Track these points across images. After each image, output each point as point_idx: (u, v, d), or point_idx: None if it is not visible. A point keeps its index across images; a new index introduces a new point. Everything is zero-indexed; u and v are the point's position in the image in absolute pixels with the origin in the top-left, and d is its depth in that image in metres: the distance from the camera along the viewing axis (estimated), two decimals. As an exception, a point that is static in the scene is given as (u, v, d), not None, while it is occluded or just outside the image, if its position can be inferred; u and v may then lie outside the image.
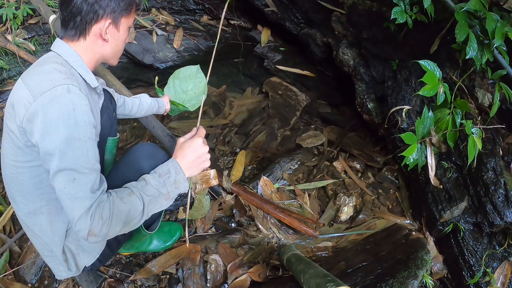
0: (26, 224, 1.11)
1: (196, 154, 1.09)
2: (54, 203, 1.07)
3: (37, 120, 0.87)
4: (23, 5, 2.44)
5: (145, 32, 2.95)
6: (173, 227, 1.66)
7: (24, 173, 0.99)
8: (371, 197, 1.95)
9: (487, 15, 1.46)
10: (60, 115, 0.87)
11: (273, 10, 3.07)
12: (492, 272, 1.58)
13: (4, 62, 2.38)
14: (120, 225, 0.94)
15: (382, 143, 2.23)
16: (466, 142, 1.57)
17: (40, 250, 1.16)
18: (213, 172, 1.81)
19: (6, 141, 0.99)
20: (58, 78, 0.91)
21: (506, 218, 1.52)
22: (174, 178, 1.04)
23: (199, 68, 1.90)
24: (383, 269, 1.47)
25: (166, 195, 1.02)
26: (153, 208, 1.01)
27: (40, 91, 0.88)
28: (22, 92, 0.91)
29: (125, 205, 0.94)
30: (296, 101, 2.61)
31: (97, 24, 1.01)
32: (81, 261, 1.19)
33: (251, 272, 1.52)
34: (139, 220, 0.99)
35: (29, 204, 1.05)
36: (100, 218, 0.90)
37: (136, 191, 0.98)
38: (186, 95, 1.85)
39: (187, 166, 1.08)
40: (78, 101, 0.90)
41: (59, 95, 0.87)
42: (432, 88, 1.53)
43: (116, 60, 1.17)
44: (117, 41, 1.09)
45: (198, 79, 1.87)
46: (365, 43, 2.31)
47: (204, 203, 1.74)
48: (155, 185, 1.01)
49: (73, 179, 0.88)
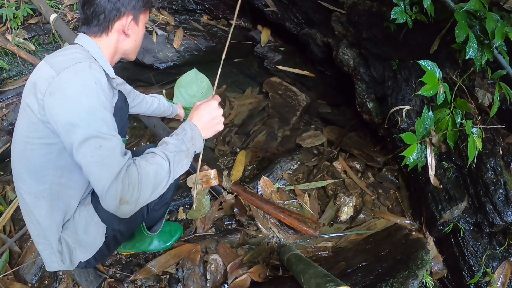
0: (27, 204, 1.10)
1: (211, 115, 1.14)
2: (57, 189, 1.08)
3: (59, 94, 0.91)
4: (23, 5, 2.44)
5: (145, 32, 2.95)
6: (174, 227, 1.66)
7: (33, 150, 1.01)
8: (371, 197, 1.95)
9: (487, 15, 1.46)
10: (82, 87, 0.92)
11: (273, 10, 3.06)
12: (492, 272, 1.58)
13: (4, 62, 2.38)
14: (150, 188, 0.94)
15: (382, 143, 2.23)
16: (466, 142, 1.57)
17: (35, 237, 1.16)
18: (213, 172, 1.81)
19: (21, 116, 1.02)
20: (80, 57, 0.98)
21: (506, 218, 1.52)
22: (190, 134, 1.07)
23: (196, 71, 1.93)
24: (383, 269, 1.47)
25: (186, 151, 1.04)
26: (177, 167, 1.02)
27: (63, 67, 0.93)
28: (45, 69, 0.96)
29: (152, 166, 0.95)
30: (296, 101, 2.61)
31: (119, 20, 1.09)
32: (76, 256, 1.18)
33: (251, 272, 1.52)
34: (167, 181, 0.99)
35: (32, 184, 1.06)
36: (130, 182, 0.90)
37: (159, 151, 1.00)
38: (194, 98, 1.91)
39: (202, 126, 1.12)
40: (99, 76, 0.96)
41: (81, 70, 0.94)
42: (432, 88, 1.53)
43: (135, 55, 1.25)
44: (137, 36, 1.18)
45: (199, 80, 1.90)
46: (365, 43, 2.31)
47: (204, 203, 1.74)
48: (174, 143, 1.03)
49: (99, 146, 0.90)
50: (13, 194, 1.82)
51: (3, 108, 2.26)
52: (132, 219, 1.19)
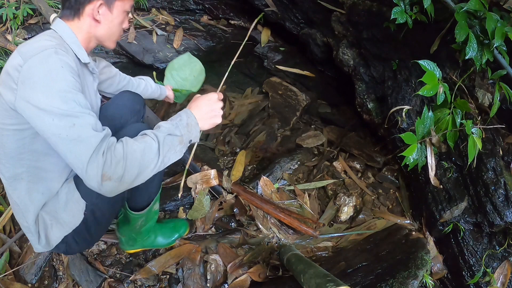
0: (7, 189, 1.12)
1: (210, 107, 1.12)
2: (35, 172, 1.09)
3: (29, 81, 0.92)
4: (23, 5, 2.44)
5: (145, 32, 2.95)
6: (178, 223, 1.66)
7: (8, 136, 1.02)
8: (371, 197, 1.95)
9: (487, 15, 1.46)
10: (49, 72, 0.92)
11: (273, 10, 3.07)
12: (492, 272, 1.58)
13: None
14: (136, 167, 0.92)
15: (382, 143, 2.23)
16: (466, 142, 1.57)
17: (18, 220, 1.17)
18: (213, 172, 1.81)
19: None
20: (47, 44, 0.97)
21: (506, 218, 1.52)
22: (186, 121, 1.05)
23: (190, 54, 1.92)
24: (383, 269, 1.47)
25: (180, 137, 1.02)
26: (169, 151, 1.00)
27: (30, 55, 0.93)
28: (15, 58, 0.96)
29: (139, 144, 0.94)
30: (296, 101, 2.61)
31: (89, 4, 1.06)
32: (53, 234, 1.17)
33: (251, 272, 1.52)
34: (156, 163, 0.97)
35: (10, 168, 1.07)
36: (114, 156, 0.89)
37: (150, 132, 0.99)
38: (187, 81, 1.88)
39: (199, 116, 1.10)
40: (66, 60, 0.96)
41: (47, 56, 0.93)
42: (432, 88, 1.53)
43: (112, 44, 1.20)
44: (111, 23, 1.12)
45: (192, 64, 1.89)
46: (365, 43, 2.31)
47: (204, 203, 1.74)
48: (167, 127, 1.01)
49: (72, 125, 0.90)
50: (13, 194, 1.82)
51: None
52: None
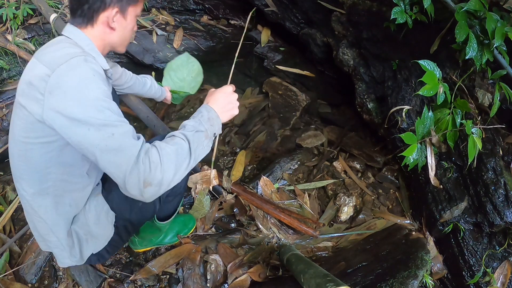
0: (31, 206, 1.09)
1: (227, 99, 1.13)
2: (61, 185, 1.07)
3: (59, 91, 0.89)
4: (23, 5, 2.44)
5: (145, 32, 2.95)
6: (187, 218, 1.68)
7: (33, 150, 0.99)
8: (371, 197, 1.95)
9: (487, 15, 1.46)
10: (81, 80, 0.90)
11: (273, 10, 3.06)
12: (492, 272, 1.58)
13: (4, 62, 2.37)
14: (172, 168, 0.92)
15: (382, 143, 2.23)
16: (466, 142, 1.57)
17: (44, 236, 1.14)
18: (213, 172, 1.81)
19: (17, 118, 0.99)
20: (73, 51, 0.95)
21: (506, 218, 1.52)
22: (207, 116, 1.06)
23: (188, 54, 1.91)
24: (383, 269, 1.47)
25: (205, 132, 1.03)
26: (198, 147, 1.00)
27: (58, 63, 0.91)
28: (39, 68, 0.93)
29: (172, 146, 0.94)
30: (296, 101, 2.61)
31: (104, 12, 1.04)
32: (87, 248, 1.17)
33: (251, 272, 1.52)
34: (188, 161, 0.97)
35: (35, 183, 1.04)
36: (151, 162, 0.88)
37: (178, 133, 0.99)
38: (184, 82, 1.88)
39: (218, 109, 1.11)
40: (96, 68, 0.94)
41: (77, 65, 0.91)
42: (432, 88, 1.53)
43: (124, 48, 1.20)
44: (125, 29, 1.12)
45: (191, 64, 1.89)
46: (365, 43, 2.31)
47: (204, 203, 1.74)
48: (192, 124, 1.02)
49: (112, 134, 0.88)
50: (13, 194, 1.82)
51: (3, 108, 2.26)
52: (144, 209, 1.19)
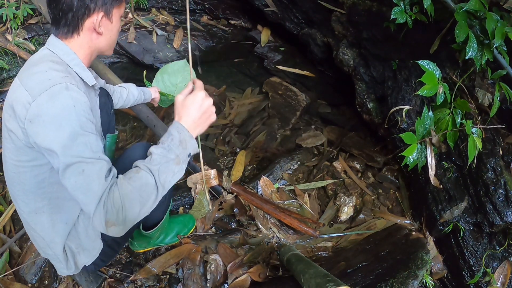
0: (28, 223, 1.11)
1: (201, 110, 1.02)
2: (56, 202, 1.07)
3: (38, 120, 0.87)
4: (23, 5, 2.44)
5: (145, 32, 2.95)
6: (186, 218, 1.68)
7: (26, 173, 0.99)
8: (371, 197, 1.95)
9: (487, 15, 1.46)
10: (60, 111, 0.87)
11: (273, 10, 3.07)
12: (492, 272, 1.58)
13: (4, 62, 2.38)
14: (137, 206, 0.89)
15: (382, 143, 2.23)
16: (466, 142, 1.57)
17: (42, 249, 1.17)
18: (213, 172, 1.81)
19: (6, 141, 0.99)
20: (55, 76, 0.91)
21: (506, 218, 1.52)
22: (178, 139, 0.97)
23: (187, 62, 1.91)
24: (383, 269, 1.47)
25: (176, 159, 0.96)
26: (167, 178, 0.95)
27: (39, 91, 0.88)
28: (20, 92, 0.91)
29: (135, 183, 0.89)
30: (296, 101, 2.61)
31: (89, 18, 0.99)
32: (81, 260, 1.19)
33: (251, 272, 1.52)
34: (156, 195, 0.93)
35: (31, 203, 1.05)
36: (113, 205, 0.86)
37: (143, 166, 0.93)
38: (175, 88, 1.86)
39: (193, 125, 1.01)
40: (78, 97, 0.90)
41: (58, 93, 0.88)
42: (431, 88, 1.53)
43: (112, 51, 1.16)
44: (111, 32, 1.08)
45: (187, 72, 1.87)
46: (365, 43, 2.31)
47: (204, 203, 1.74)
48: (160, 153, 0.95)
49: (82, 171, 0.87)
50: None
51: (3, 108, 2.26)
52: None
